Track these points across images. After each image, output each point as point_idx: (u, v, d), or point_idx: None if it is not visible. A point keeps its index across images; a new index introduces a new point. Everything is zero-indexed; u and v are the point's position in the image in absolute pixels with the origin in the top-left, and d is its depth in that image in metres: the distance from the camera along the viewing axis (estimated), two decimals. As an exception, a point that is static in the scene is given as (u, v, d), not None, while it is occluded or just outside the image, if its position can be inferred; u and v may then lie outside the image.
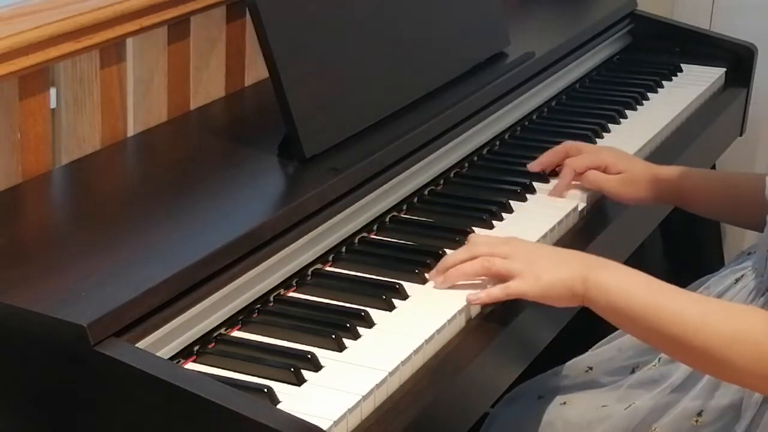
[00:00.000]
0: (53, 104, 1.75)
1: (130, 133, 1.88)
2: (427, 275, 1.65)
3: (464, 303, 1.59)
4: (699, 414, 1.68)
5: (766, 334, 1.45)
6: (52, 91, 1.74)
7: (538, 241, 1.78)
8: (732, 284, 1.74)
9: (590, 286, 1.54)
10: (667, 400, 1.72)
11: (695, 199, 1.92)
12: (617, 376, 1.83)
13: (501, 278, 1.60)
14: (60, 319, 1.32)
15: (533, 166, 2.00)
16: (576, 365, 1.90)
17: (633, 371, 1.81)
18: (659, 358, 1.78)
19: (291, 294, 1.61)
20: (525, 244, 1.65)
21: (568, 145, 2.01)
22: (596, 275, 1.55)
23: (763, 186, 1.69)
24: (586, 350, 1.93)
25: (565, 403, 1.84)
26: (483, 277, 1.63)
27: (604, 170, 1.94)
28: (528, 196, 1.93)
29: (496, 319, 1.62)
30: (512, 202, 1.89)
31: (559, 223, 1.85)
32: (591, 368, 1.87)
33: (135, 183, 1.77)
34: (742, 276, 1.73)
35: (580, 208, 1.91)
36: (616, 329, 1.92)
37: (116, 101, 1.84)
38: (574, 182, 1.96)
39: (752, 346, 1.45)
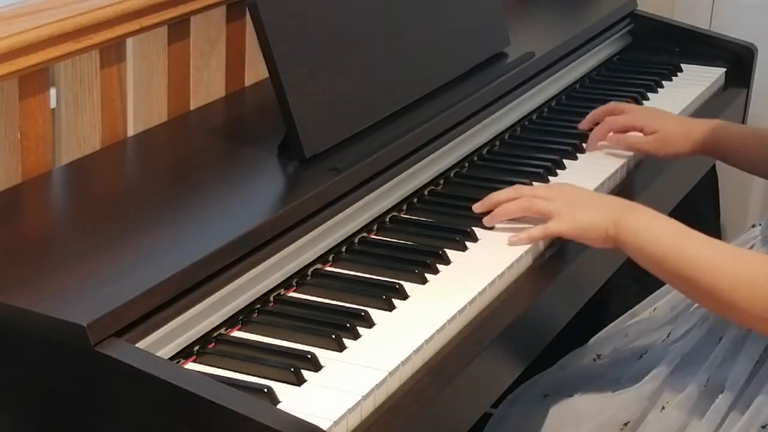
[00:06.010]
0: (53, 104, 1.75)
1: (130, 133, 1.88)
2: (474, 208, 1.79)
3: (463, 303, 1.59)
4: (707, 381, 1.69)
5: (765, 276, 1.52)
6: (52, 91, 1.74)
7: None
8: None
9: (621, 229, 1.64)
10: (677, 375, 1.73)
11: (727, 150, 2.01)
12: (625, 364, 1.83)
13: (541, 218, 1.70)
14: (60, 319, 1.32)
15: (583, 124, 2.15)
16: (582, 354, 1.90)
17: (641, 357, 1.82)
18: (667, 335, 1.79)
19: (291, 294, 1.61)
20: (566, 187, 1.75)
21: (612, 105, 2.15)
22: (627, 219, 1.64)
23: None
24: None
25: (572, 395, 1.84)
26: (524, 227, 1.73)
27: (641, 131, 2.06)
28: (528, 196, 1.93)
29: (496, 319, 1.62)
30: (512, 202, 1.89)
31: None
32: (599, 356, 1.88)
33: (135, 183, 1.77)
34: (752, 246, 1.76)
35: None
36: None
37: (116, 101, 1.84)
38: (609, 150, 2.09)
39: (749, 285, 1.52)
